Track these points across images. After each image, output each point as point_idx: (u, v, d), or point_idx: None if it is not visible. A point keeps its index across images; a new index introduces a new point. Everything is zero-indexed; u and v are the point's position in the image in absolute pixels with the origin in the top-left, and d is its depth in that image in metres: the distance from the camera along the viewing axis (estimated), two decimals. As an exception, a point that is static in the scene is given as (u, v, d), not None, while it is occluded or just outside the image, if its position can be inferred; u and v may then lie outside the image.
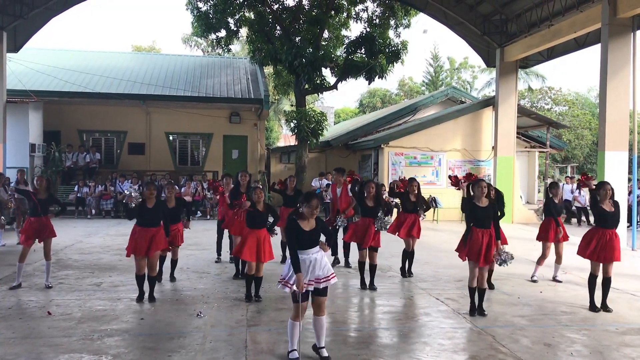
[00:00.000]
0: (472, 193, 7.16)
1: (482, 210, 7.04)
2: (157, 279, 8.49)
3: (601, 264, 7.39)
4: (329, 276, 5.43)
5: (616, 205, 7.51)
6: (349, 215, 9.70)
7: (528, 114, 22.07)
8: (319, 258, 5.43)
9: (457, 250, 7.32)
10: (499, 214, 7.52)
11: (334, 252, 10.43)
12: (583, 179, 8.27)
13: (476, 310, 7.10)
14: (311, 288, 5.34)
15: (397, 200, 10.35)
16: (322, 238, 5.59)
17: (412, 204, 9.41)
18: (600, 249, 7.33)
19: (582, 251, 7.58)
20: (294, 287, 5.24)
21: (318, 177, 20.56)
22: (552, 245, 9.24)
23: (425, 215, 9.61)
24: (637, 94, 14.05)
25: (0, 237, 12.28)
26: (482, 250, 6.93)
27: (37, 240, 8.28)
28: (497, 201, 7.62)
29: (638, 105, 14.08)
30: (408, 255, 9.55)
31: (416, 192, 9.46)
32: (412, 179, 9.66)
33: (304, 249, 5.41)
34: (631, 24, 13.83)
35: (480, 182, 7.17)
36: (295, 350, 5.36)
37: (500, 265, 7.11)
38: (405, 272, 9.56)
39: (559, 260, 9.32)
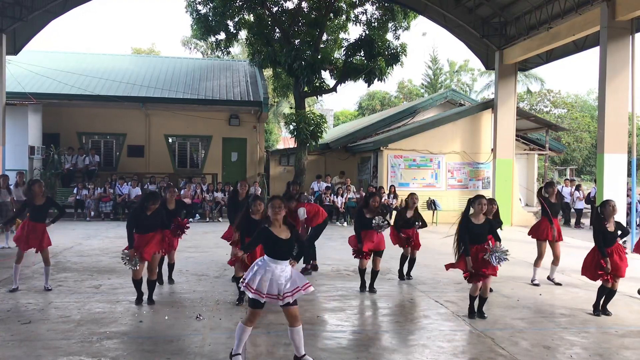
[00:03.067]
0: (471, 209, 7.13)
1: (478, 227, 7.00)
2: (158, 282, 8.50)
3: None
4: (294, 290, 5.17)
5: (618, 225, 7.45)
6: (318, 223, 9.69)
7: (527, 116, 22.11)
8: (285, 274, 5.21)
9: (455, 265, 7.17)
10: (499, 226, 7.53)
11: (309, 260, 10.04)
12: None
13: (475, 313, 7.10)
14: (265, 299, 5.13)
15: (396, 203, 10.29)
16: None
17: (408, 220, 9.36)
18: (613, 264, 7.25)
19: (590, 273, 7.46)
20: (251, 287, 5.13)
21: (316, 180, 20.57)
22: (548, 246, 9.25)
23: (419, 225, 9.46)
24: (636, 96, 14.06)
25: (5, 239, 12.22)
26: (478, 262, 6.91)
27: (32, 248, 8.24)
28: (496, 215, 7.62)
29: (637, 108, 14.10)
30: (409, 260, 9.54)
31: (414, 208, 9.42)
32: (413, 194, 9.57)
33: (277, 259, 5.23)
34: (630, 27, 13.85)
35: (480, 198, 7.12)
36: (239, 355, 5.29)
37: (491, 261, 6.91)
38: (404, 275, 9.57)
39: (556, 261, 9.32)
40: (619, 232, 7.44)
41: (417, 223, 9.34)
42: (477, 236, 6.99)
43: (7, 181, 12.95)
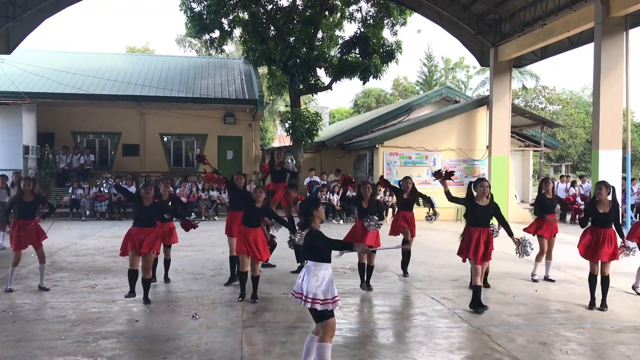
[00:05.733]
0: (474, 192, 7.18)
1: (482, 209, 7.07)
2: (152, 280, 8.50)
3: (599, 263, 7.41)
4: (325, 300, 4.69)
5: (614, 205, 7.54)
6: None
7: (522, 113, 22.14)
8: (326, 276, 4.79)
9: (458, 253, 7.27)
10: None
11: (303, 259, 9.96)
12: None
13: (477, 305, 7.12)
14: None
15: (393, 201, 10.30)
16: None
17: (406, 202, 9.42)
18: (597, 247, 7.36)
19: (580, 249, 7.63)
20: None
21: (309, 173, 20.52)
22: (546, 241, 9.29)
23: (433, 217, 9.57)
24: (630, 92, 14.11)
25: (1, 239, 12.17)
26: (480, 248, 6.93)
27: (29, 245, 8.21)
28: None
29: (631, 104, 14.17)
30: (404, 254, 9.51)
31: (410, 189, 9.47)
32: (407, 178, 9.66)
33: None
34: (624, 23, 13.88)
35: (482, 181, 7.20)
36: None
37: (520, 254, 7.31)
38: (407, 271, 9.53)
39: (549, 256, 9.34)
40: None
41: (421, 204, 9.36)
42: (481, 219, 7.04)
43: (6, 181, 12.89)
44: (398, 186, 9.73)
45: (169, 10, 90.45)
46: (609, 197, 7.49)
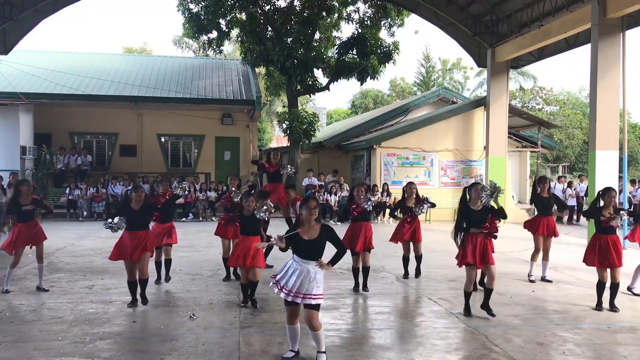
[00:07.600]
0: (468, 197, 7.15)
1: (477, 214, 7.04)
2: (168, 278, 8.73)
3: (608, 270, 7.38)
4: (314, 294, 5.23)
5: (618, 211, 7.56)
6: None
7: (519, 113, 22.15)
8: (311, 272, 5.25)
9: (457, 258, 7.24)
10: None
11: None
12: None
13: (471, 310, 7.08)
14: (297, 300, 5.21)
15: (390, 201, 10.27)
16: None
17: (411, 209, 9.37)
18: (605, 254, 7.34)
19: (588, 260, 7.60)
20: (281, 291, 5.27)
21: (307, 176, 20.50)
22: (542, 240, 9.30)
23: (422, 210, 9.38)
24: (627, 93, 14.13)
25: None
26: (477, 252, 6.92)
27: (27, 245, 8.19)
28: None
29: (628, 105, 14.18)
30: (416, 258, 9.47)
31: (414, 196, 9.41)
32: (410, 183, 9.62)
33: (303, 258, 5.31)
34: (620, 24, 13.91)
35: (476, 185, 7.18)
36: (291, 351, 5.47)
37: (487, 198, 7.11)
38: (408, 273, 9.48)
39: (546, 256, 9.35)
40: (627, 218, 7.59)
41: (425, 205, 9.32)
42: (477, 223, 7.01)
43: (1, 182, 12.89)
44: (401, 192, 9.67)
45: (167, 11, 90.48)
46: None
